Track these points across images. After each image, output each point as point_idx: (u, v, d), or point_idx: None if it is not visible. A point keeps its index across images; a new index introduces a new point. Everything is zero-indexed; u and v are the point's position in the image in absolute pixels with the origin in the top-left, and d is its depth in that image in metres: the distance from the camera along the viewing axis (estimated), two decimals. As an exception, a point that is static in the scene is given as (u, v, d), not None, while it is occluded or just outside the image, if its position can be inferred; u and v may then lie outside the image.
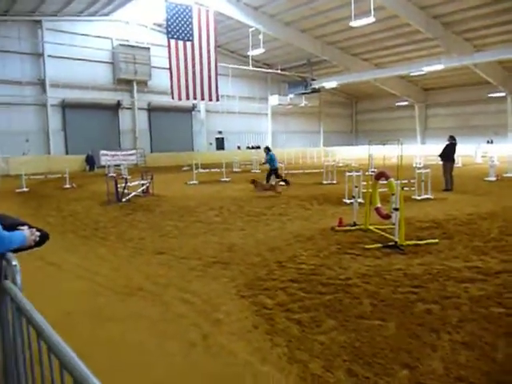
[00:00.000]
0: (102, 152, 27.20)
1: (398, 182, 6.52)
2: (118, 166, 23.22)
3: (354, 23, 22.54)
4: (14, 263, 2.09)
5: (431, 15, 25.61)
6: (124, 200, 12.05)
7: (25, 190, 15.68)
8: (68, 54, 27.88)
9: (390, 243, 6.45)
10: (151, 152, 32.38)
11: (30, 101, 27.18)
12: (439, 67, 28.27)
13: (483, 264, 5.49)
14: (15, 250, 2.27)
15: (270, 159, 15.07)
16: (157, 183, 14.37)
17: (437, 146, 16.49)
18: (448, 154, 13.55)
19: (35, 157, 25.96)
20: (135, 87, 31.58)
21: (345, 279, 5.02)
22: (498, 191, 12.87)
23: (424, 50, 30.79)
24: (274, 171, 15.00)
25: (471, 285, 4.73)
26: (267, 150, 15.65)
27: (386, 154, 10.40)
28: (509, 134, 34.52)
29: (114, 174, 15.71)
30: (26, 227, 2.39)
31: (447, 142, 13.69)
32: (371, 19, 21.50)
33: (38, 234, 2.42)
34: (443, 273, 5.16)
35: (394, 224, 6.61)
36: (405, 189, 6.66)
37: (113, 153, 27.28)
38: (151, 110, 32.82)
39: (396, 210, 6.40)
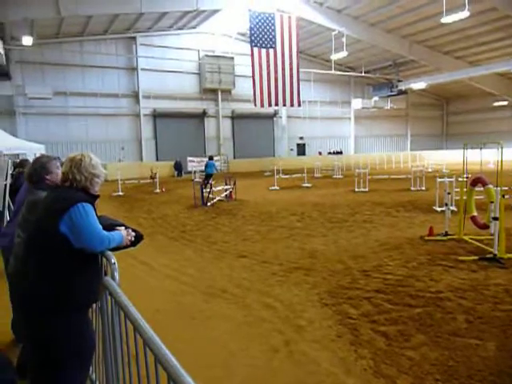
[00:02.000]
0: (189, 158, 28.63)
1: (498, 188, 5.95)
2: (204, 171, 24.21)
3: (446, 19, 21.13)
4: (113, 261, 2.26)
5: (536, 5, 23.21)
6: (209, 204, 12.52)
7: (120, 194, 16.99)
8: (159, 66, 29.80)
9: (488, 255, 5.90)
10: (234, 158, 33.30)
11: (125, 112, 29.49)
12: (546, 62, 25.46)
13: None
14: (113, 249, 2.46)
15: (206, 166, 17.63)
16: (239, 188, 14.71)
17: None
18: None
19: (129, 163, 28.09)
20: (220, 96, 32.75)
21: (436, 292, 4.70)
22: None
23: (527, 43, 27.99)
24: (207, 176, 16.79)
25: None
26: (209, 158, 18.48)
27: (482, 158, 9.50)
28: None
29: (200, 180, 16.38)
30: (123, 228, 2.58)
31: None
32: (465, 14, 20.01)
33: (133, 234, 2.59)
34: (553, 291, 4.60)
35: (492, 235, 6.05)
36: (505, 197, 6.05)
37: (199, 159, 28.51)
38: (235, 117, 33.81)
39: (495, 219, 5.85)
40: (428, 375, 3.10)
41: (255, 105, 23.05)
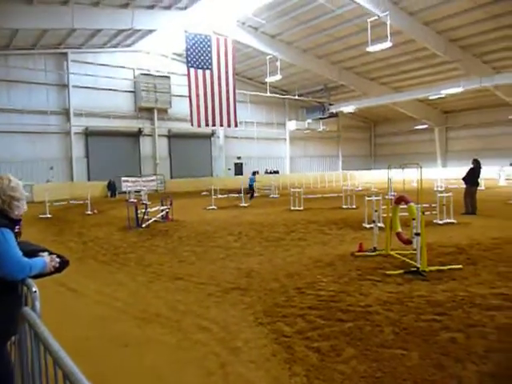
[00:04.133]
0: (124, 178, 27.76)
1: (419, 206, 6.41)
2: (139, 191, 23.58)
3: (371, 48, 22.75)
4: (33, 289, 2.13)
5: (449, 39, 25.69)
6: (144, 225, 12.18)
7: (48, 216, 16.02)
8: (92, 84, 28.90)
9: (412, 269, 6.30)
10: (171, 178, 32.83)
11: (55, 129, 28.04)
12: (458, 90, 28.10)
13: (510, 291, 5.30)
14: (36, 276, 2.32)
15: (250, 180, 23.63)
16: (176, 208, 14.50)
17: (459, 169, 16.25)
18: (472, 178, 13.31)
19: (59, 184, 26.61)
20: (156, 115, 32.34)
21: (365, 306, 4.91)
22: (523, 215, 12.50)
23: (443, 73, 30.73)
24: (250, 187, 23.03)
25: (497, 312, 4.56)
26: (252, 173, 24.96)
27: (405, 177, 10.21)
28: (533, 156, 33.77)
29: (135, 200, 15.92)
30: (46, 254, 2.45)
31: (471, 166, 13.47)
32: (388, 44, 21.66)
33: (57, 260, 2.47)
34: (468, 300, 4.99)
35: (415, 249, 6.48)
36: (426, 213, 6.56)
37: (134, 179, 27.79)
38: (171, 136, 33.46)
39: (417, 234, 6.27)
40: (358, 388, 3.22)
41: (192, 124, 23.01)
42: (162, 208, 13.81)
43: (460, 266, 6.53)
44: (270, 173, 37.45)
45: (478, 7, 21.94)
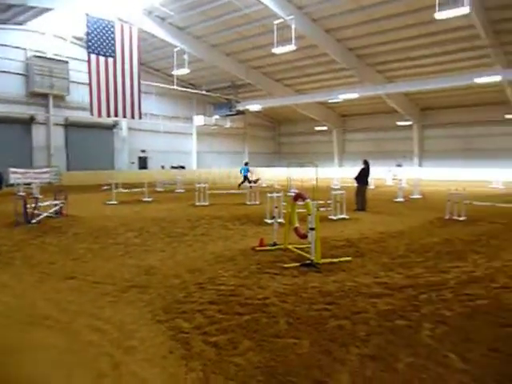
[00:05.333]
0: (12, 170, 25.12)
1: (315, 202, 6.80)
2: (29, 184, 21.56)
3: (276, 50, 23.50)
4: None
5: (347, 47, 27.57)
6: (34, 221, 11.17)
7: None
8: (-27, 62, 25.80)
9: (307, 262, 6.68)
10: (67, 170, 30.60)
11: None
12: (354, 96, 30.32)
13: (390, 279, 5.89)
14: None
15: (244, 170, 24.50)
16: (72, 203, 13.56)
17: (353, 169, 17.59)
18: (362, 177, 14.48)
19: None
20: (51, 102, 29.81)
21: (263, 299, 5.08)
22: (405, 211, 13.98)
23: (341, 78, 32.87)
24: (244, 177, 24.10)
25: (379, 300, 5.04)
26: (244, 164, 25.88)
27: (304, 175, 10.84)
28: (414, 159, 37.87)
29: (24, 194, 14.50)
30: None
31: (362, 166, 14.65)
32: (292, 47, 22.55)
33: None
34: (354, 289, 5.44)
35: (310, 243, 6.87)
36: (321, 209, 7.02)
37: (24, 170, 25.30)
38: (68, 125, 31.09)
39: (312, 229, 6.66)
40: (252, 378, 3.33)
41: (92, 114, 21.69)
42: (55, 202, 12.80)
43: (349, 258, 7.08)
44: (176, 167, 36.84)
45: (372, 21, 23.87)
